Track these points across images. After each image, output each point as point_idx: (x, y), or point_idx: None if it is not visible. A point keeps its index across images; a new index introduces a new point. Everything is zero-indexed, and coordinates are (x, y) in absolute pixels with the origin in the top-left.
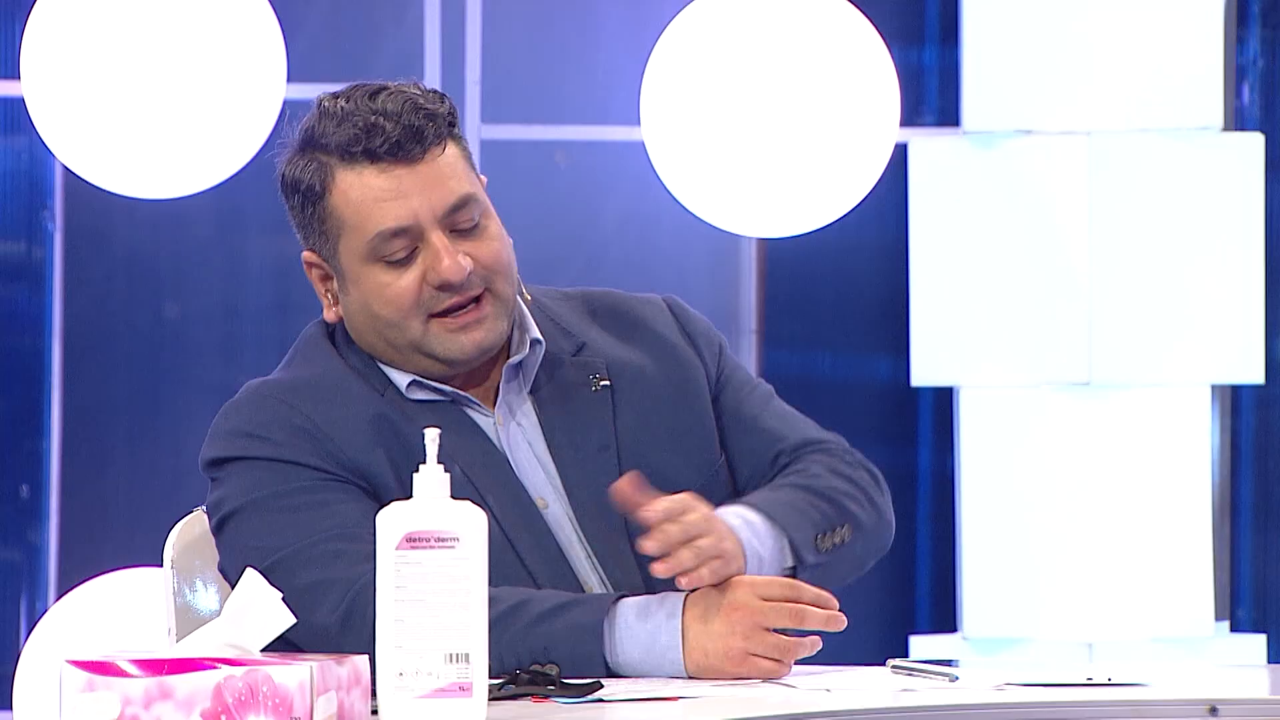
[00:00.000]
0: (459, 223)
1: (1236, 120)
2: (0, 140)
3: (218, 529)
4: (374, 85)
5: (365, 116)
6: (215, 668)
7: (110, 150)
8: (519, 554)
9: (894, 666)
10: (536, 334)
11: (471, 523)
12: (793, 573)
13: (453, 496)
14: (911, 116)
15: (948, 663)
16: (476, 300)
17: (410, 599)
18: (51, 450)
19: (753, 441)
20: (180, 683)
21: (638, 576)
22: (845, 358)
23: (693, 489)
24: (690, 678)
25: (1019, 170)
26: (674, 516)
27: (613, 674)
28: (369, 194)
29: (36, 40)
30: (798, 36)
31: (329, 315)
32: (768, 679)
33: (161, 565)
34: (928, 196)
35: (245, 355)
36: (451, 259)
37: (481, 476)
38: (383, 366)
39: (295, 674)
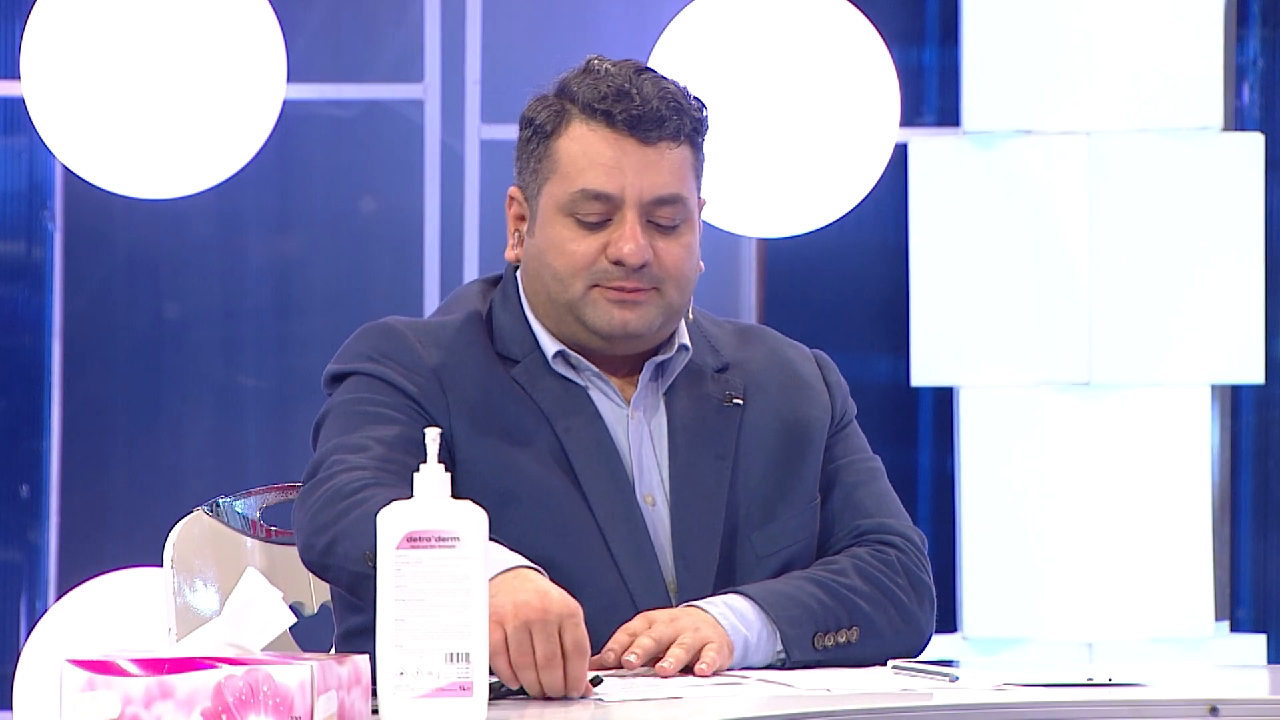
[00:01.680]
0: (659, 216)
1: (1236, 120)
2: (0, 140)
3: (313, 436)
4: (645, 66)
5: (621, 83)
6: (215, 667)
7: (110, 150)
8: (608, 543)
9: (895, 666)
10: (685, 341)
11: (472, 522)
12: (783, 663)
13: (549, 479)
14: (911, 116)
15: (948, 663)
16: (640, 289)
17: (410, 598)
18: (51, 450)
19: (842, 507)
20: (181, 682)
21: (710, 585)
22: (845, 358)
23: (790, 514)
24: None
25: (1019, 170)
26: (639, 634)
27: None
28: (591, 151)
29: (36, 40)
30: (798, 36)
31: (509, 254)
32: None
33: (161, 565)
34: (928, 196)
35: (245, 355)
36: (635, 242)
37: (585, 464)
38: (535, 328)
39: (296, 673)
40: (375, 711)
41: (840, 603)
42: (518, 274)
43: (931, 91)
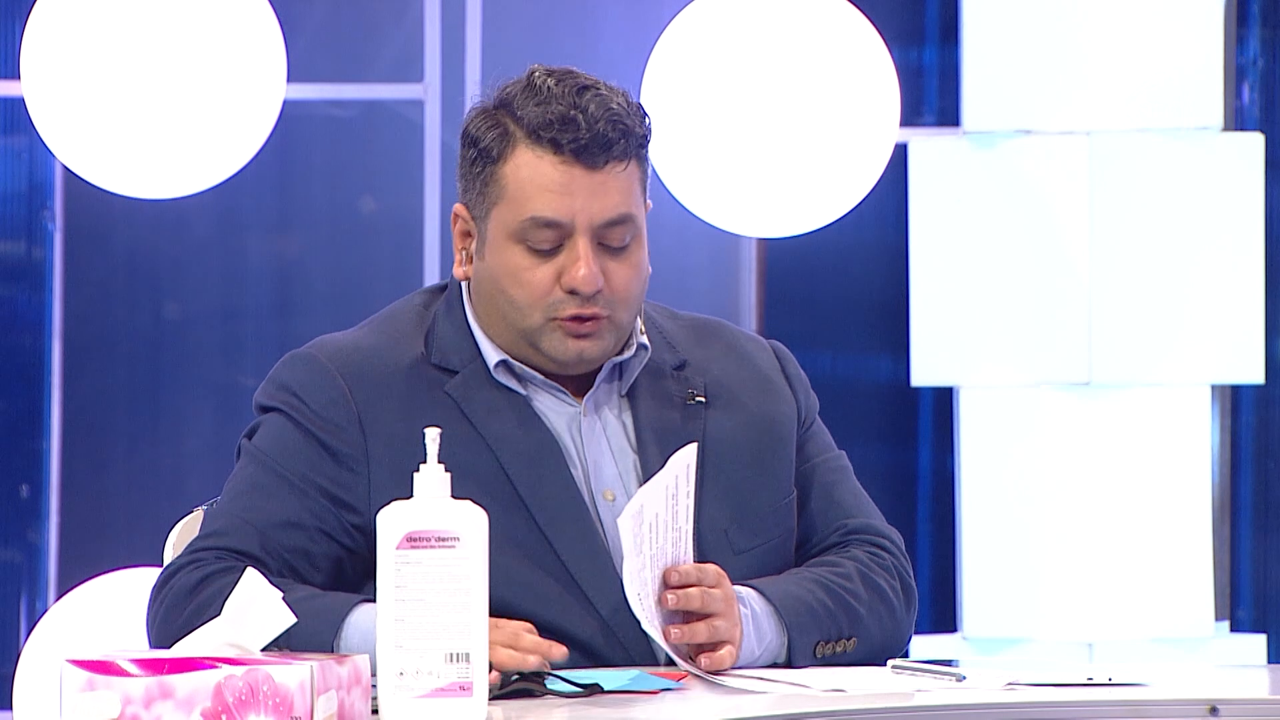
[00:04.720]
0: (610, 238)
1: (1236, 120)
2: (0, 140)
3: (237, 454)
4: (587, 80)
5: (566, 108)
6: (215, 667)
7: (110, 150)
8: (553, 545)
9: (894, 666)
10: (644, 340)
11: (472, 522)
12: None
13: (483, 498)
14: (911, 116)
15: (948, 663)
16: (596, 317)
17: (410, 599)
18: (51, 450)
19: (824, 505)
20: (181, 682)
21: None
22: (845, 358)
23: (766, 509)
24: None
25: (1019, 170)
26: (702, 583)
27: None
28: (539, 179)
29: (36, 40)
30: (798, 36)
31: (457, 272)
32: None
33: (161, 565)
34: (928, 196)
35: (245, 355)
36: (589, 269)
37: (521, 471)
38: (479, 339)
39: (295, 673)
40: (375, 711)
41: (845, 611)
42: (464, 288)
43: (931, 91)
